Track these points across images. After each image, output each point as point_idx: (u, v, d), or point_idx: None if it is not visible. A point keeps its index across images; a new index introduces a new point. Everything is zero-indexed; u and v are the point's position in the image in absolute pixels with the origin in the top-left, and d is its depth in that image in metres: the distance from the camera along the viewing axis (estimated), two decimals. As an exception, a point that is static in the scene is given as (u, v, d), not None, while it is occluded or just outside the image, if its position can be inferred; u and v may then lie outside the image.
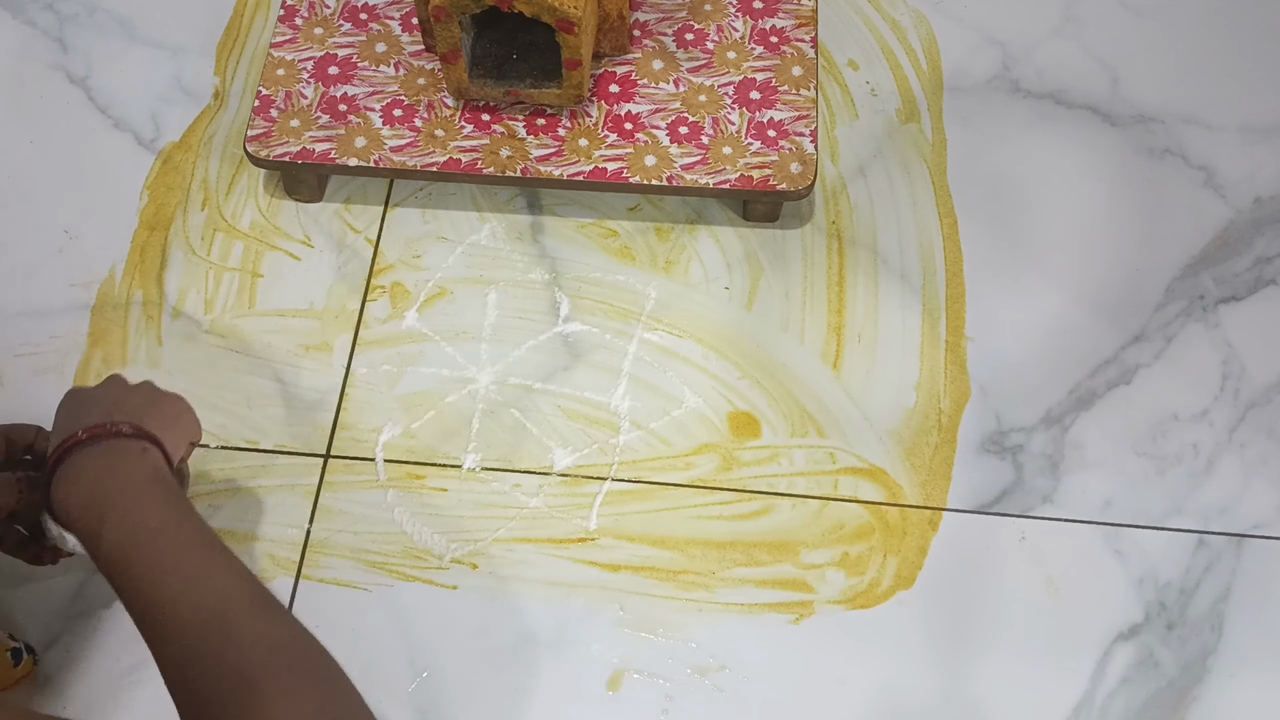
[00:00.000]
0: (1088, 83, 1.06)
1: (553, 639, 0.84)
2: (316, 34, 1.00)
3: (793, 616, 0.85)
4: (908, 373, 0.93)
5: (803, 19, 1.00)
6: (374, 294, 0.97)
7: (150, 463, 0.67)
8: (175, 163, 1.03)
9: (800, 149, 0.94)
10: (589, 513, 0.88)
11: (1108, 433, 0.91)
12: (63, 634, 0.84)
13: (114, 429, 0.67)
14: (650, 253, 0.98)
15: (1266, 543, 0.88)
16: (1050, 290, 0.97)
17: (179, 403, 0.75)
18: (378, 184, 1.02)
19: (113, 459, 0.66)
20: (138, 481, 0.65)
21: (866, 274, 0.97)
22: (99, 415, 0.68)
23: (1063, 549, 0.87)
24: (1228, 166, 1.02)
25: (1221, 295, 0.97)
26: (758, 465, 0.90)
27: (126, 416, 0.68)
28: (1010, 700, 0.82)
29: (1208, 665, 0.84)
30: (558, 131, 0.95)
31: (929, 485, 0.89)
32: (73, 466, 0.65)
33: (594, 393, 0.93)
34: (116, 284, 0.97)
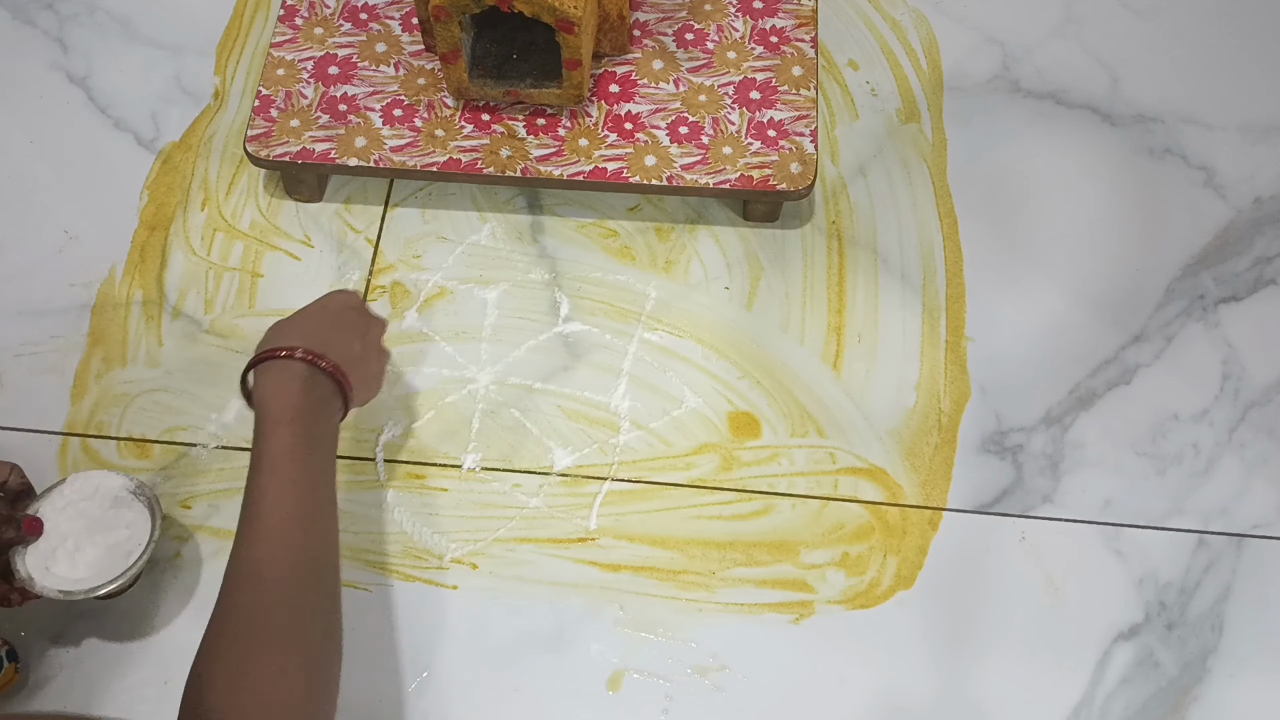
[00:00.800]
0: (1088, 83, 1.06)
1: (553, 639, 0.84)
2: (316, 34, 1.00)
3: (793, 616, 0.85)
4: (908, 373, 0.93)
5: (803, 19, 1.00)
6: (374, 294, 0.97)
7: (335, 433, 0.75)
8: (175, 163, 1.03)
9: (800, 149, 0.94)
10: (589, 513, 0.88)
11: (1108, 433, 0.91)
12: (63, 634, 0.84)
13: (346, 387, 0.75)
14: (650, 253, 0.98)
15: (1266, 543, 0.88)
16: (1050, 290, 0.97)
17: (378, 364, 0.82)
18: (378, 184, 1.02)
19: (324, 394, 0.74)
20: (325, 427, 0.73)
21: (866, 274, 0.97)
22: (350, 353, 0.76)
23: (1063, 549, 0.87)
24: (1228, 166, 1.02)
25: (1221, 295, 0.97)
26: (758, 465, 0.90)
27: (358, 380, 0.76)
28: (1010, 700, 0.82)
29: (1208, 665, 0.84)
30: (558, 131, 0.95)
31: (929, 485, 0.89)
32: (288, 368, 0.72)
33: (594, 393, 0.93)
34: (116, 284, 0.97)
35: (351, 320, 0.79)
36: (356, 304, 0.81)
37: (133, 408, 0.92)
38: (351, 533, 0.88)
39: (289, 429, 0.70)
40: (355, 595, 0.85)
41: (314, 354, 0.73)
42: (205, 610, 0.84)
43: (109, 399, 0.92)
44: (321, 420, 0.73)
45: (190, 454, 0.90)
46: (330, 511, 0.72)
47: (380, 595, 0.85)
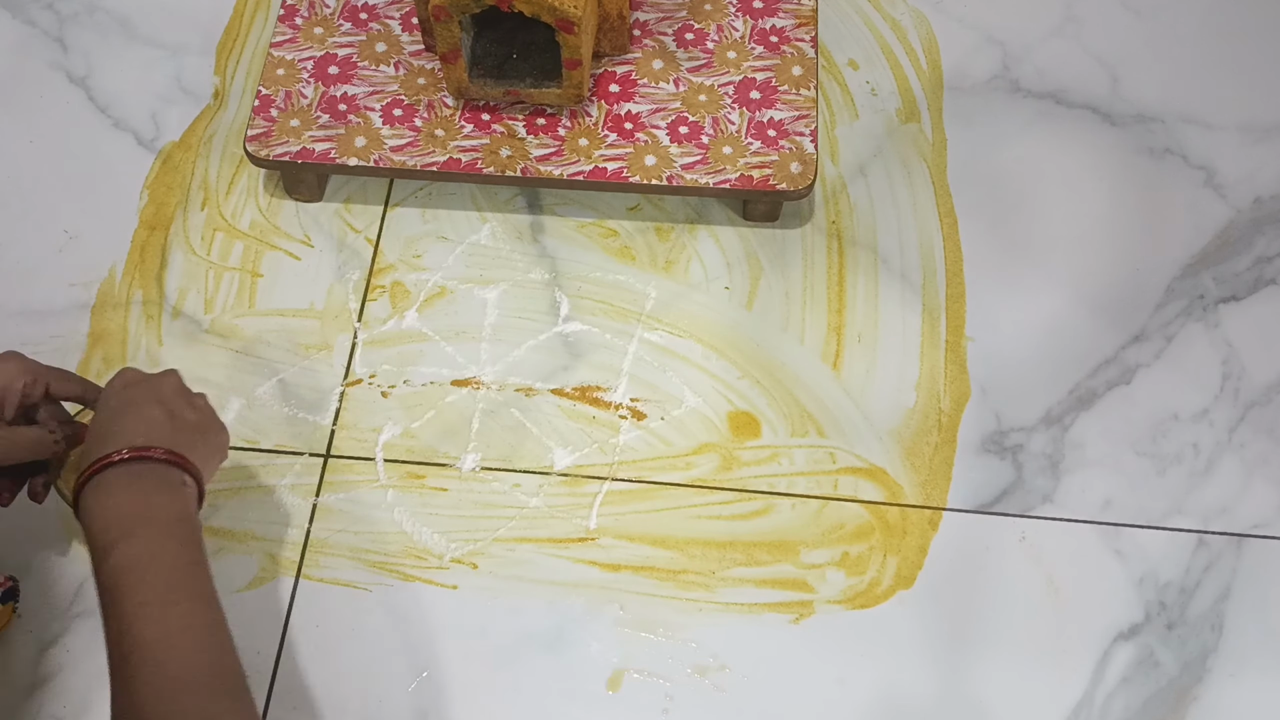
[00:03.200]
0: (1088, 82, 1.06)
1: (553, 639, 0.84)
2: (316, 34, 1.00)
3: (793, 616, 0.85)
4: (908, 372, 0.93)
5: (803, 19, 1.00)
6: (374, 294, 0.97)
7: (183, 501, 0.67)
8: (175, 162, 1.03)
9: (800, 149, 0.94)
10: (589, 512, 0.88)
11: (1108, 432, 0.91)
12: (63, 634, 0.84)
13: (161, 455, 0.67)
14: (650, 252, 0.98)
15: (1266, 543, 0.88)
16: (1050, 290, 0.97)
17: (222, 434, 0.75)
18: (378, 184, 1.02)
19: (152, 485, 0.66)
20: (165, 517, 0.65)
21: (866, 274, 0.97)
22: (151, 428, 0.68)
23: (1063, 549, 0.87)
24: (1228, 166, 1.02)
25: (1221, 295, 0.97)
26: (758, 465, 0.90)
27: (178, 440, 0.68)
28: (1010, 700, 0.82)
29: (1208, 665, 0.84)
30: (558, 131, 0.95)
31: (929, 485, 0.89)
32: (108, 481, 0.65)
33: (594, 392, 0.93)
34: (116, 284, 0.97)
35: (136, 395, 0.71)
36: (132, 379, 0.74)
37: (133, 407, 0.92)
38: (351, 533, 0.88)
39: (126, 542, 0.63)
40: (355, 595, 0.85)
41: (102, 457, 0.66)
42: (205, 610, 0.83)
43: (109, 399, 0.92)
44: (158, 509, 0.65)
45: (190, 454, 0.90)
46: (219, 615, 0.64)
47: (380, 595, 0.85)
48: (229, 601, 0.85)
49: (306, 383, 0.93)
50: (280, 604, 0.85)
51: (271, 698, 0.82)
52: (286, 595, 0.85)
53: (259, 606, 0.85)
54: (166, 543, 0.64)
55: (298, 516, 0.88)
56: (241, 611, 0.85)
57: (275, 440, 0.91)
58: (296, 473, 0.90)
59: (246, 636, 0.84)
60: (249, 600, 0.85)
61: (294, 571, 0.86)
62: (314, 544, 0.87)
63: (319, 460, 0.90)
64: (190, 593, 0.63)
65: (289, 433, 0.91)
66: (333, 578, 0.86)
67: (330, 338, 0.95)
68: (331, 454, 0.90)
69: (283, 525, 0.88)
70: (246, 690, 0.62)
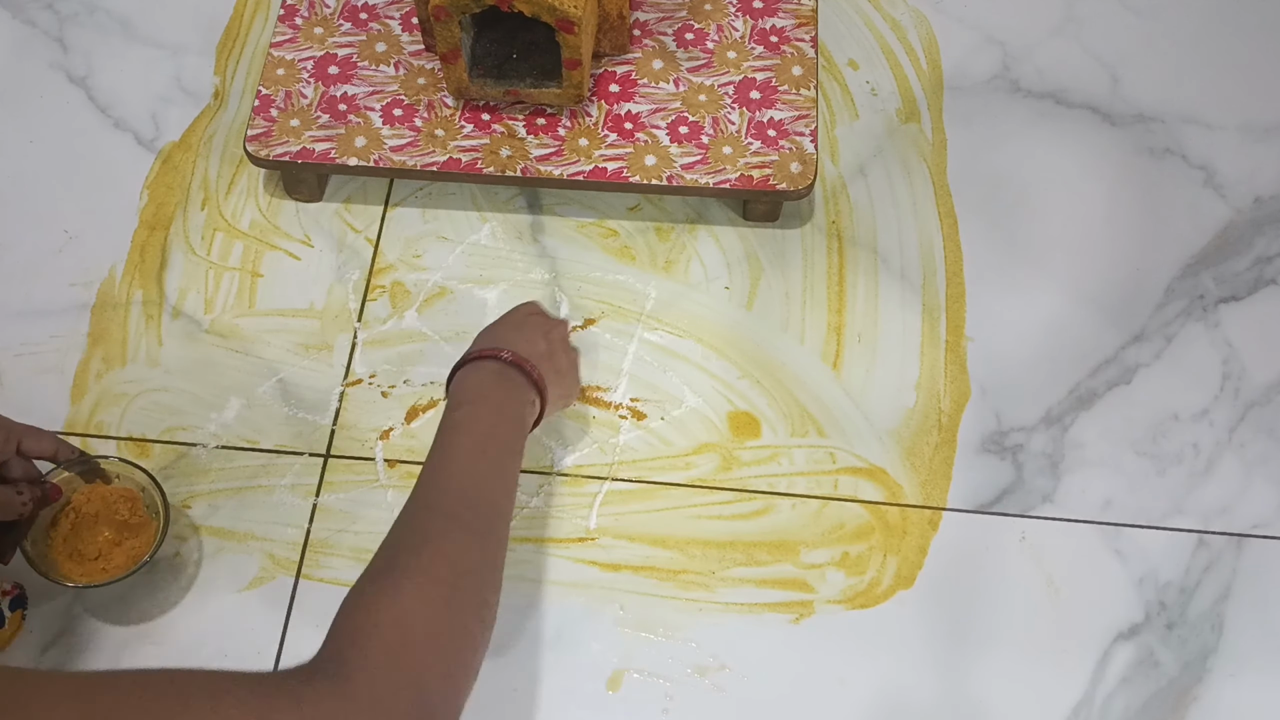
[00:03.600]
0: (1088, 82, 1.06)
1: (553, 639, 0.84)
2: (316, 34, 1.00)
3: (793, 616, 0.85)
4: (908, 372, 0.93)
5: (803, 19, 1.00)
6: (374, 294, 0.97)
7: (528, 407, 0.77)
8: (175, 162, 1.03)
9: (800, 149, 0.94)
10: (589, 512, 0.88)
11: (1108, 432, 0.91)
12: (63, 634, 0.84)
13: (535, 376, 0.78)
14: (650, 252, 0.98)
15: (1266, 543, 0.88)
16: (1050, 290, 0.97)
17: (576, 386, 0.86)
18: (378, 184, 1.02)
19: (511, 385, 0.77)
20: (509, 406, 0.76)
21: (866, 274, 0.97)
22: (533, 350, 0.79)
23: (1063, 549, 0.87)
24: (1228, 166, 1.02)
25: (1221, 295, 0.97)
26: (758, 465, 0.90)
27: (546, 370, 0.79)
28: (1010, 700, 0.82)
29: (1208, 665, 0.84)
30: (558, 131, 0.95)
31: (929, 485, 0.89)
32: (483, 367, 0.77)
33: (594, 392, 0.92)
34: (116, 284, 0.97)
35: (534, 324, 0.83)
36: (536, 310, 0.85)
37: (133, 408, 0.92)
38: (351, 533, 0.88)
39: (473, 406, 0.74)
40: (355, 595, 0.85)
41: (492, 350, 0.77)
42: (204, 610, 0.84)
43: (109, 399, 0.92)
44: (510, 402, 0.76)
45: (190, 454, 0.90)
46: (504, 472, 0.73)
47: (380, 595, 0.85)
48: (229, 601, 0.85)
49: (306, 383, 0.93)
50: (280, 604, 0.85)
51: (271, 698, 0.82)
52: (286, 595, 0.85)
53: (259, 606, 0.85)
54: (500, 420, 0.75)
55: (298, 516, 0.88)
56: (241, 611, 0.85)
57: (275, 440, 0.91)
58: (296, 473, 0.90)
59: (247, 636, 0.84)
60: (249, 600, 0.85)
61: (294, 571, 0.86)
62: (314, 544, 0.87)
63: (319, 460, 0.90)
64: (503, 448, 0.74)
65: (289, 433, 0.91)
66: (333, 578, 0.86)
67: (330, 338, 0.95)
68: (331, 454, 0.90)
69: (283, 525, 0.88)
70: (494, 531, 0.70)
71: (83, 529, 0.82)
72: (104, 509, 0.83)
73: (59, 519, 0.82)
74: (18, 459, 0.78)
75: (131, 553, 0.82)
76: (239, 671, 0.54)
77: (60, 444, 0.80)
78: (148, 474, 0.82)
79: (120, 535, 0.82)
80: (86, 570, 0.81)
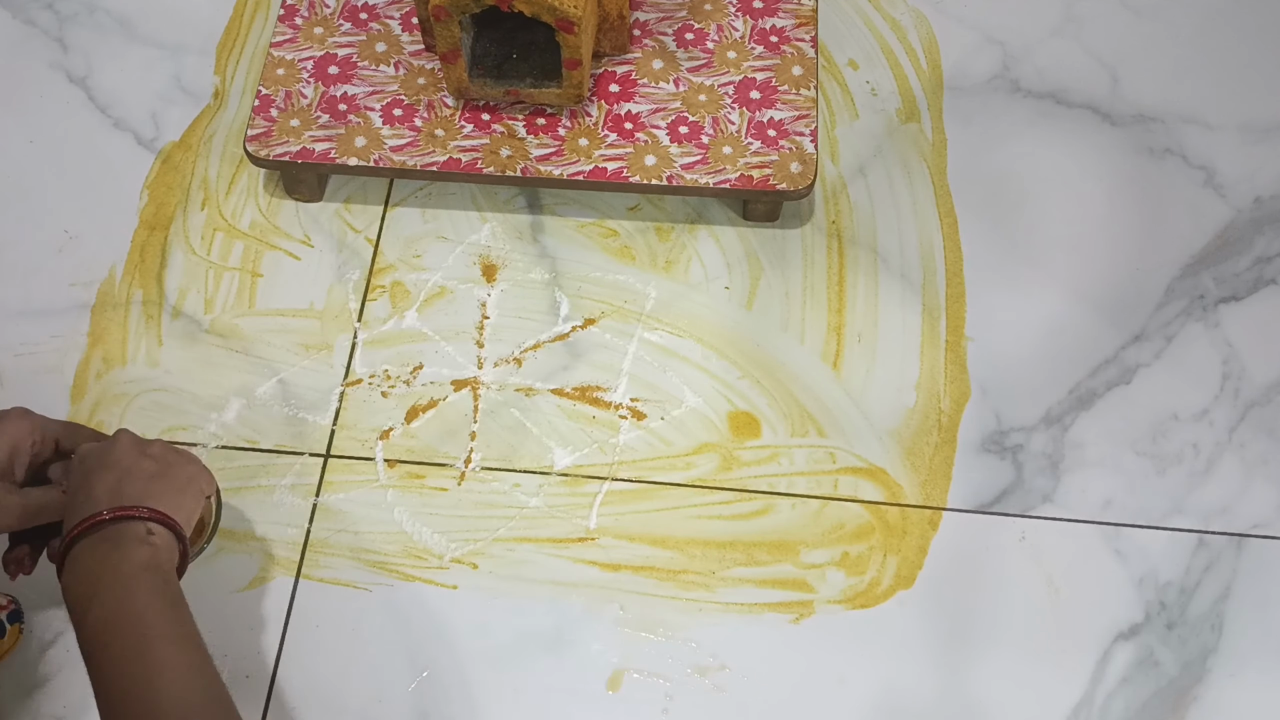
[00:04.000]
0: (1088, 82, 1.06)
1: (553, 639, 0.84)
2: (316, 33, 1.00)
3: (793, 616, 0.85)
4: (908, 372, 0.93)
5: (803, 18, 1.00)
6: (374, 294, 0.97)
7: (148, 550, 0.67)
8: (175, 162, 1.03)
9: (800, 149, 0.94)
10: (589, 512, 0.88)
11: (1108, 432, 0.91)
12: (63, 634, 0.84)
13: (114, 514, 0.68)
14: (650, 252, 0.98)
15: (1266, 542, 0.88)
16: (1050, 290, 0.97)
17: (189, 466, 0.75)
18: (378, 184, 1.02)
19: (110, 545, 0.67)
20: (129, 570, 0.66)
21: (866, 274, 0.97)
22: (105, 494, 0.69)
23: (1063, 549, 0.87)
24: (1228, 166, 1.02)
25: (1221, 295, 0.97)
26: (758, 465, 0.90)
27: (136, 491, 0.69)
28: (1010, 700, 0.82)
29: (1208, 665, 0.84)
30: (558, 131, 0.95)
31: (929, 485, 0.89)
32: (74, 555, 0.67)
33: (594, 392, 0.92)
34: (116, 284, 0.97)
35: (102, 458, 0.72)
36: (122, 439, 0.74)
37: (133, 408, 0.92)
38: (351, 533, 0.88)
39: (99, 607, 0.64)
40: (355, 595, 0.85)
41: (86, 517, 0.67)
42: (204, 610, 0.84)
43: (109, 399, 0.92)
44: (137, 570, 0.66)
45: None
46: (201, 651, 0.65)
47: (380, 595, 0.85)
48: (229, 601, 0.85)
49: (306, 383, 0.93)
50: (280, 604, 0.85)
51: (271, 698, 0.82)
52: (286, 595, 0.85)
53: (259, 606, 0.85)
54: (135, 594, 0.64)
55: (298, 516, 0.88)
56: (241, 611, 0.85)
57: (275, 440, 0.91)
58: (296, 473, 0.90)
59: (247, 636, 0.84)
60: (249, 600, 0.85)
61: (294, 571, 0.86)
62: (314, 544, 0.87)
63: (319, 460, 0.90)
64: (168, 635, 0.64)
65: (289, 433, 0.91)
66: (333, 578, 0.86)
67: (330, 338, 0.95)
68: (331, 454, 0.90)
69: (283, 525, 0.88)
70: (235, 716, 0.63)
71: None
72: None
73: None
74: (57, 458, 0.76)
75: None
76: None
77: (97, 437, 0.77)
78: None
79: None
80: None
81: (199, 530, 0.79)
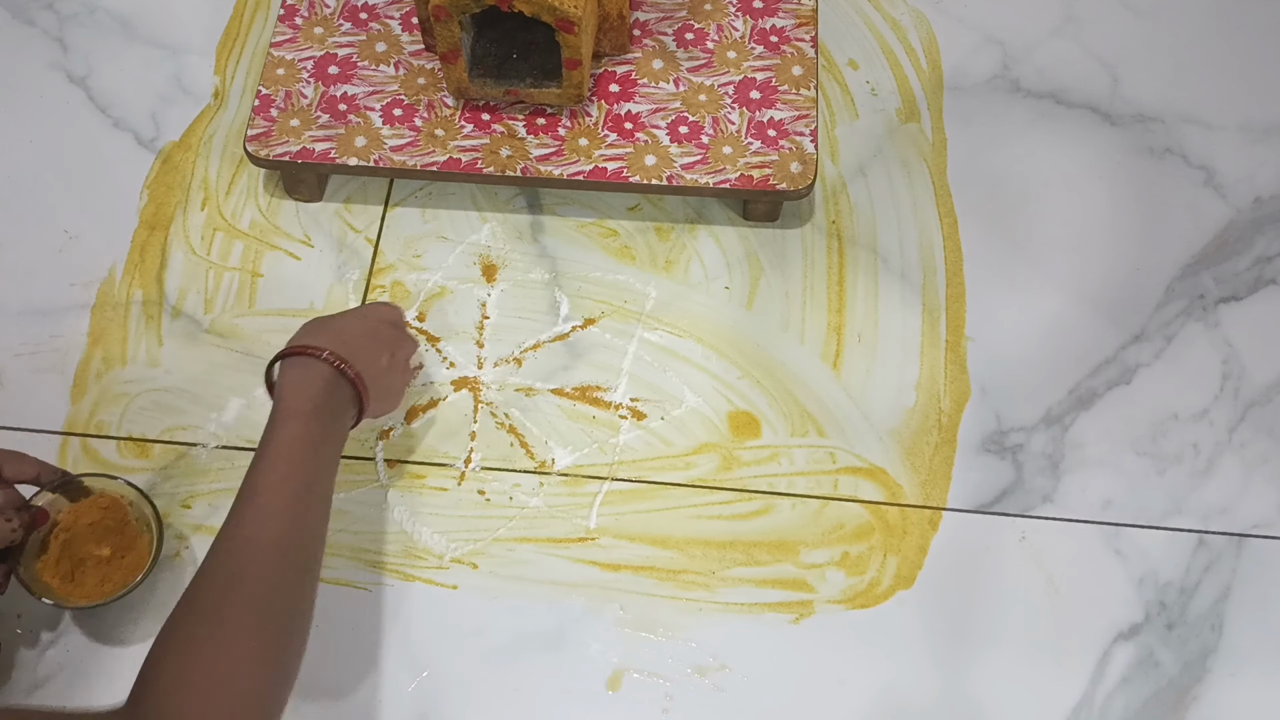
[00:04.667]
0: (1088, 82, 1.06)
1: (553, 639, 0.84)
2: (316, 33, 1.00)
3: (793, 616, 0.85)
4: (908, 372, 0.93)
5: (803, 18, 1.00)
6: (374, 294, 0.97)
7: (345, 434, 0.76)
8: (175, 162, 1.03)
9: (800, 148, 0.94)
10: (589, 512, 0.88)
11: (1108, 432, 0.91)
12: (63, 634, 0.84)
13: (364, 398, 0.76)
14: (650, 252, 0.98)
15: (1266, 542, 0.88)
16: (1050, 290, 0.97)
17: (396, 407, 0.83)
18: (378, 183, 1.02)
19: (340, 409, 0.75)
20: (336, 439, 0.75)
21: (866, 274, 0.97)
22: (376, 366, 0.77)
23: (1063, 549, 0.87)
24: (1228, 166, 1.02)
25: (1221, 295, 0.97)
26: (758, 465, 0.90)
27: (377, 391, 0.77)
28: (1010, 700, 0.82)
29: (1208, 665, 0.84)
30: (558, 131, 0.95)
31: (929, 485, 0.89)
32: (324, 373, 0.74)
33: (594, 392, 0.92)
34: (116, 283, 0.97)
35: (385, 335, 0.80)
36: (394, 319, 0.83)
37: (133, 407, 0.92)
38: (351, 533, 0.88)
39: (301, 422, 0.72)
40: (355, 595, 0.85)
41: (340, 358, 0.75)
42: (205, 610, 0.83)
43: (109, 399, 0.92)
44: (334, 421, 0.74)
45: (190, 454, 0.90)
46: (323, 509, 0.72)
47: (380, 595, 0.85)
48: (229, 601, 0.85)
49: (306, 383, 0.93)
50: (280, 604, 0.85)
51: (271, 698, 0.82)
52: (286, 595, 0.85)
53: (259, 606, 0.85)
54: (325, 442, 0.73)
55: (298, 516, 0.88)
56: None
57: (275, 440, 0.91)
58: (296, 473, 0.90)
59: (246, 636, 0.84)
60: (249, 600, 0.85)
61: (294, 571, 0.86)
62: (314, 544, 0.87)
63: (319, 460, 0.90)
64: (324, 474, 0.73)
65: (289, 433, 0.91)
66: (333, 578, 0.86)
67: (330, 338, 0.95)
68: (331, 454, 0.90)
69: (283, 525, 0.88)
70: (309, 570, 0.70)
71: (74, 548, 0.80)
72: (94, 526, 0.81)
73: (48, 541, 0.80)
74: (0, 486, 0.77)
75: (129, 567, 0.81)
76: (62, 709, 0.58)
77: (42, 466, 0.79)
78: (134, 487, 0.82)
79: (114, 550, 0.81)
80: (84, 590, 0.80)
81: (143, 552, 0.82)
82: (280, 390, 0.74)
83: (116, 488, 0.82)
